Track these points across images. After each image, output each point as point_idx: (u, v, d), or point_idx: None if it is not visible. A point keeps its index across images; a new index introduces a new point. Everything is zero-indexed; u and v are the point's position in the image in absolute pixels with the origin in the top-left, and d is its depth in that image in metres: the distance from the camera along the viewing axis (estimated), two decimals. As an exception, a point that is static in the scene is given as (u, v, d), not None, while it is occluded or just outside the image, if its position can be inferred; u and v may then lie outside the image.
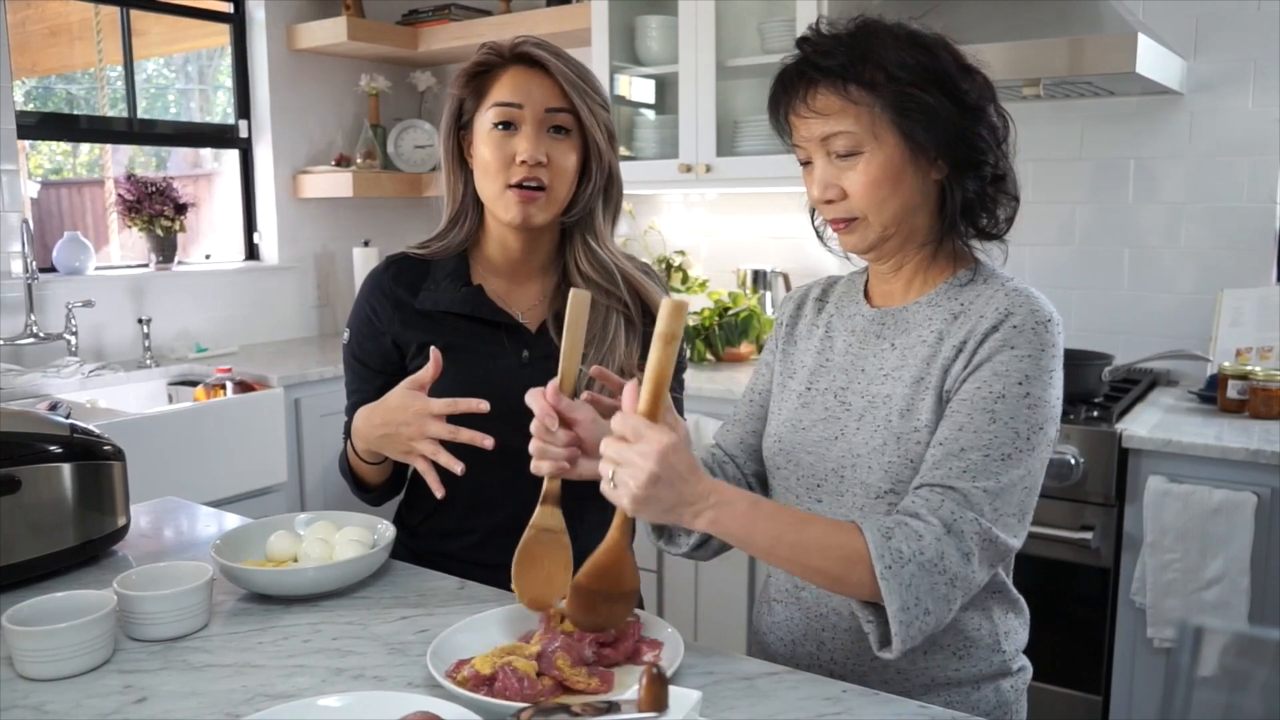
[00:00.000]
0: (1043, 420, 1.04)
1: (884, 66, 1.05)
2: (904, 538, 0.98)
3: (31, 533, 1.28)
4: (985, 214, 1.12)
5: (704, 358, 3.10)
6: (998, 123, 1.10)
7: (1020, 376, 1.04)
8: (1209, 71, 2.58)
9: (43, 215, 3.25)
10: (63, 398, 2.76)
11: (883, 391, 1.12)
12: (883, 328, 1.16)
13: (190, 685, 1.04)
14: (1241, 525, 2.02)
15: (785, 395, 1.23)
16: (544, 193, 1.35)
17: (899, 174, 1.07)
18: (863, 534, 0.99)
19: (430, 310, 1.41)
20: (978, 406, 1.04)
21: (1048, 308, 1.08)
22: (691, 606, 2.76)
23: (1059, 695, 2.28)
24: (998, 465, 1.02)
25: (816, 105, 1.08)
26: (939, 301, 1.13)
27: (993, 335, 1.06)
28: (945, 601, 0.98)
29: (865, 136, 1.06)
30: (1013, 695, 1.18)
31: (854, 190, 1.08)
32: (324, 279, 3.78)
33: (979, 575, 1.01)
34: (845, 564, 0.98)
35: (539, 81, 1.35)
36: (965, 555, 0.99)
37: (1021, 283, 1.12)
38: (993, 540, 1.01)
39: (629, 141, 3.21)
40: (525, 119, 1.34)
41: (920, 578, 0.97)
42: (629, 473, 0.95)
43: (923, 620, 0.97)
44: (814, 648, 1.17)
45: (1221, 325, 2.51)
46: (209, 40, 3.59)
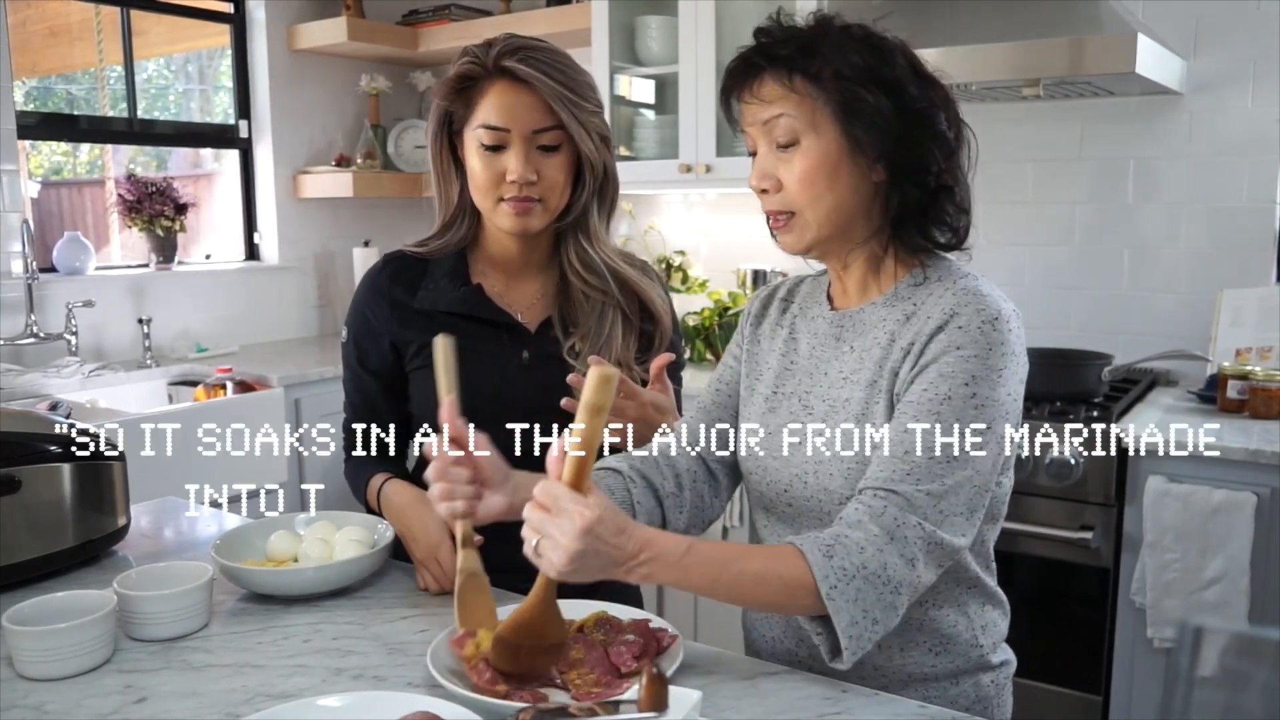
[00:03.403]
0: (991, 419, 1.03)
1: (831, 62, 1.05)
2: (845, 554, 0.98)
3: (31, 533, 1.28)
4: (933, 224, 1.11)
5: (704, 358, 3.10)
6: (948, 134, 1.09)
7: (966, 377, 1.03)
8: (1209, 71, 2.58)
9: (43, 215, 3.25)
10: (63, 398, 2.75)
11: (842, 395, 1.12)
12: (842, 330, 1.16)
13: (190, 685, 1.04)
14: (1241, 525, 2.02)
15: (753, 399, 1.23)
16: (538, 203, 1.35)
17: (835, 169, 1.07)
18: (804, 557, 0.99)
19: (429, 310, 1.41)
20: (923, 409, 1.03)
21: (996, 305, 1.06)
22: (691, 606, 2.76)
23: (1059, 695, 2.28)
24: (942, 467, 1.02)
25: (761, 92, 1.09)
26: (893, 303, 1.13)
27: (938, 336, 1.05)
28: (892, 609, 0.99)
29: (804, 127, 1.07)
30: (993, 690, 1.18)
31: (789, 181, 1.09)
32: (324, 279, 3.78)
33: (925, 577, 1.02)
34: (787, 592, 0.99)
35: (525, 100, 1.32)
36: (909, 561, 0.99)
37: (975, 280, 1.10)
38: (938, 543, 1.01)
39: (629, 141, 3.21)
40: (512, 140, 1.33)
41: (866, 590, 0.97)
42: (550, 546, 0.95)
43: (871, 630, 0.98)
44: (793, 644, 1.18)
45: (1221, 325, 2.51)
46: (209, 40, 3.59)
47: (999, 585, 1.20)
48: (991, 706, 1.18)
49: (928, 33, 2.40)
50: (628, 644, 1.04)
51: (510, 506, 1.12)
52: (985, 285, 1.09)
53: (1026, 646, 1.25)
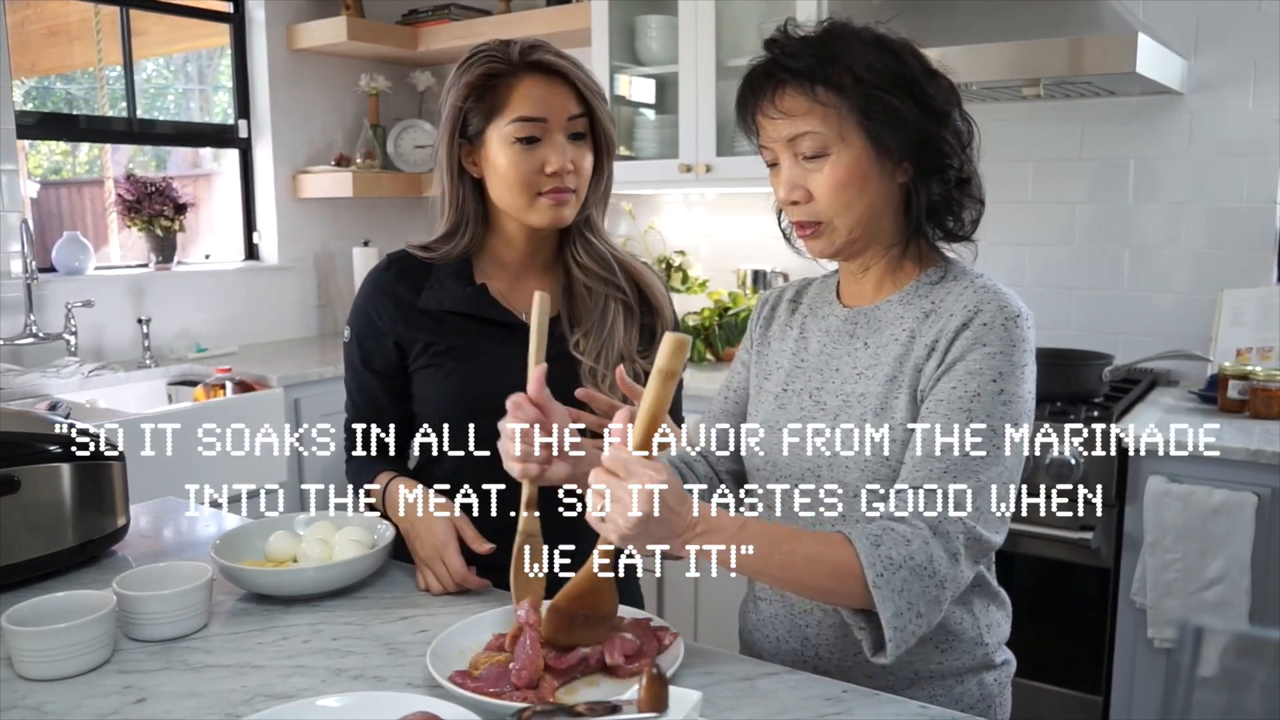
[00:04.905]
0: (1017, 415, 1.05)
1: (851, 69, 1.06)
2: (892, 544, 0.99)
3: (31, 533, 1.28)
4: (951, 216, 1.13)
5: (704, 357, 3.10)
6: (962, 127, 1.10)
7: (994, 374, 1.05)
8: (1209, 71, 2.58)
9: (42, 215, 3.25)
10: (62, 398, 2.75)
11: (857, 390, 1.13)
12: (855, 327, 1.17)
13: (190, 685, 1.04)
14: (1242, 525, 2.02)
15: (762, 397, 1.24)
16: (573, 193, 1.37)
17: (865, 176, 1.08)
18: (851, 544, 0.99)
19: (434, 310, 1.41)
20: (954, 406, 1.04)
21: (1016, 303, 1.08)
22: (691, 606, 2.76)
23: (1059, 695, 2.28)
24: (977, 464, 1.03)
25: (784, 106, 1.08)
26: (910, 300, 1.14)
27: (964, 333, 1.07)
28: (936, 603, 1.00)
29: (832, 138, 1.07)
30: (996, 689, 1.19)
31: (820, 192, 1.09)
32: (324, 279, 3.78)
33: (966, 574, 1.03)
34: (835, 578, 0.99)
35: (558, 90, 1.35)
36: (953, 555, 1.00)
37: (990, 279, 1.12)
38: (977, 538, 1.02)
39: (629, 141, 3.21)
40: (550, 131, 1.34)
41: (912, 582, 0.98)
42: (618, 510, 0.95)
43: (915, 624, 0.99)
44: (798, 644, 1.18)
45: (1222, 325, 2.51)
46: (209, 40, 3.59)
47: (999, 585, 1.21)
48: (994, 705, 1.18)
49: (928, 33, 2.40)
50: (623, 642, 1.04)
51: (572, 475, 1.14)
52: (1002, 284, 1.11)
53: (1027, 646, 1.25)
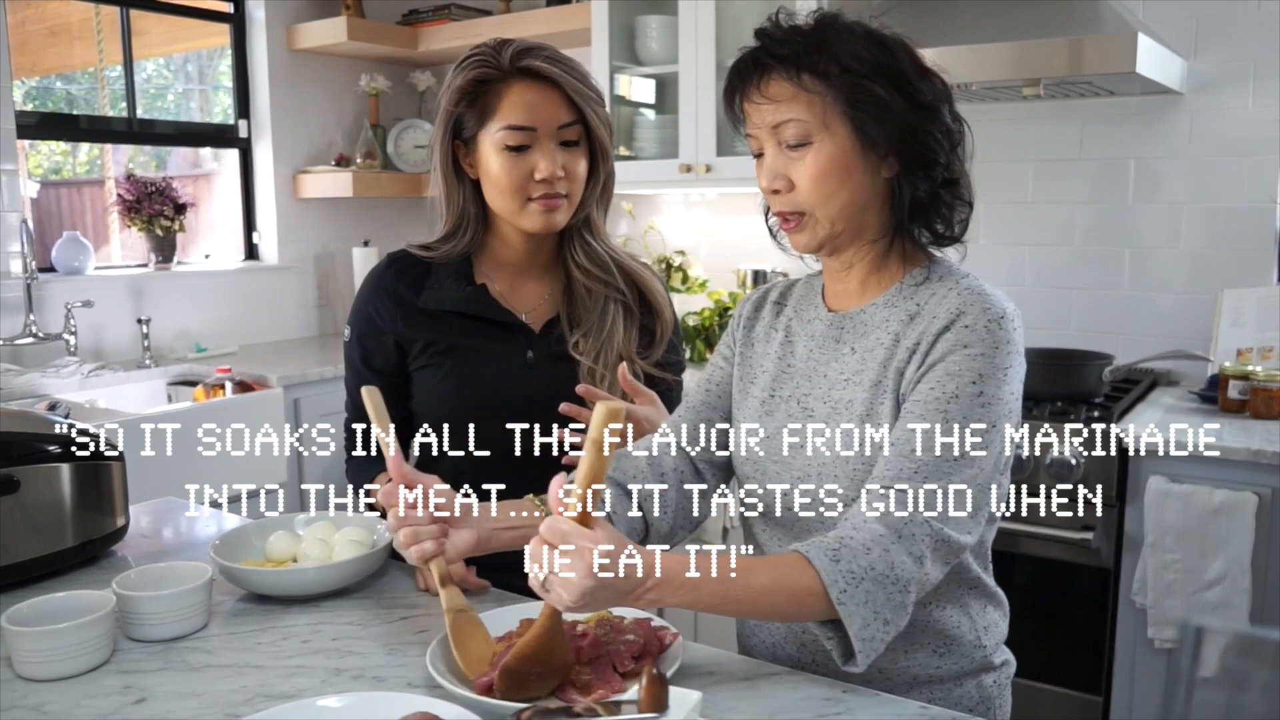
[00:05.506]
0: (997, 418, 1.04)
1: (839, 58, 1.05)
2: (851, 556, 0.98)
3: (31, 533, 1.28)
4: (938, 217, 1.12)
5: (704, 358, 3.10)
6: (953, 126, 1.09)
7: (973, 376, 1.03)
8: (1209, 71, 2.58)
9: (42, 215, 3.25)
10: (62, 398, 2.75)
11: (844, 397, 1.12)
12: (842, 332, 1.16)
13: (190, 685, 1.04)
14: (1242, 525, 2.01)
15: (748, 402, 1.22)
16: (565, 199, 1.36)
17: (848, 167, 1.07)
18: (810, 563, 0.98)
19: (434, 309, 1.41)
20: (931, 407, 1.03)
21: (1001, 303, 1.07)
22: (691, 607, 2.75)
23: (1059, 696, 2.28)
24: (950, 465, 1.02)
25: (769, 92, 1.08)
26: (895, 302, 1.13)
27: (945, 335, 1.05)
28: (902, 608, 0.99)
29: (816, 126, 1.06)
30: (995, 690, 1.18)
31: (801, 181, 1.08)
32: (324, 279, 3.78)
33: (933, 575, 1.02)
34: (796, 601, 0.98)
35: (547, 97, 1.33)
36: (917, 558, 0.99)
37: (976, 279, 1.10)
38: (945, 540, 1.01)
39: (629, 141, 3.21)
40: (539, 139, 1.33)
41: (875, 592, 0.97)
42: (560, 583, 0.94)
43: (883, 631, 0.98)
44: (794, 650, 1.17)
45: (1222, 325, 2.51)
46: (209, 40, 3.59)
47: (998, 585, 1.20)
48: (994, 707, 1.18)
49: (928, 32, 2.40)
50: (627, 644, 1.04)
51: (478, 540, 1.12)
52: (987, 285, 1.10)
53: (1027, 647, 1.25)
